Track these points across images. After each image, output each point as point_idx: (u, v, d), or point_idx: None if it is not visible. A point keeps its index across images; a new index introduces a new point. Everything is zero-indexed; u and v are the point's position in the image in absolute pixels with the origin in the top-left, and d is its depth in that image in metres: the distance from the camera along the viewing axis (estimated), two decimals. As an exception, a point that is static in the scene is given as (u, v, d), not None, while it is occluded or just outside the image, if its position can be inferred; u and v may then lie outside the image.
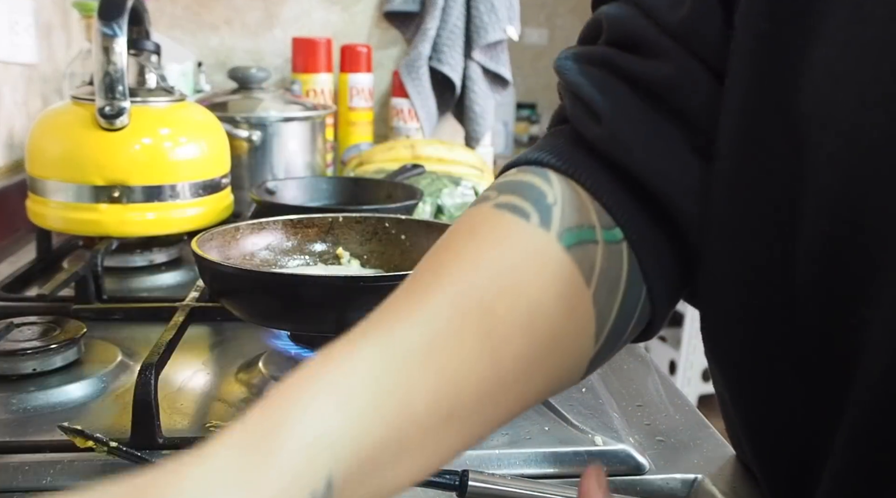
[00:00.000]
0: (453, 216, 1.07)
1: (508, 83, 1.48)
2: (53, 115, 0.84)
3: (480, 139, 1.45)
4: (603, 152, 0.39)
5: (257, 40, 1.47)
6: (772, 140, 0.36)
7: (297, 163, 1.12)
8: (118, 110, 0.78)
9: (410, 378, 0.30)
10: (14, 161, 1.10)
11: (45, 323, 0.63)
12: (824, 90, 0.34)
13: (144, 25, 0.87)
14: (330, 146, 1.36)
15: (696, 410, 0.59)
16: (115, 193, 0.79)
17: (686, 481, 0.50)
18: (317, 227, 0.69)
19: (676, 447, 0.54)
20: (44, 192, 0.82)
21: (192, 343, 0.66)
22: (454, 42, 1.41)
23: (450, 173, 1.14)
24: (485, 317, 0.33)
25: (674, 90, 0.39)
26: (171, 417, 0.54)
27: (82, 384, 0.58)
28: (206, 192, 0.85)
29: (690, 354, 2.43)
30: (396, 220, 0.69)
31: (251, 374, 0.61)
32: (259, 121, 1.08)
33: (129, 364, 0.63)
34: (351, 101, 1.40)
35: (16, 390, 0.56)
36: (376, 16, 1.50)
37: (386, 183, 0.97)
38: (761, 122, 0.37)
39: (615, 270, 0.37)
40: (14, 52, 1.09)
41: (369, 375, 0.30)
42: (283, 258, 0.67)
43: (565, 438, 0.53)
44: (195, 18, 1.45)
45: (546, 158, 0.40)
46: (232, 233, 0.65)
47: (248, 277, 0.56)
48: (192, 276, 0.86)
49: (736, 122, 0.38)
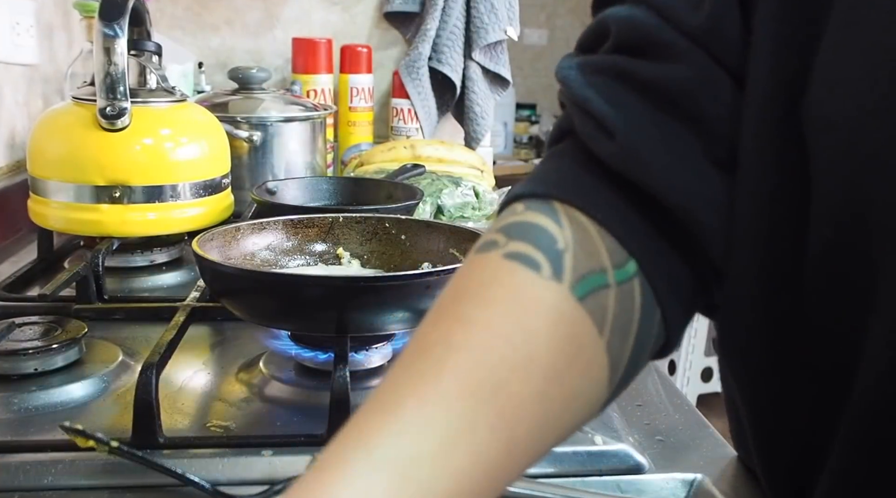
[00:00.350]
0: (453, 216, 1.07)
1: (508, 83, 1.48)
2: (54, 116, 0.84)
3: (480, 139, 1.45)
4: (617, 170, 0.37)
5: (258, 41, 1.47)
6: (786, 148, 0.35)
7: (298, 163, 1.12)
8: (119, 111, 0.78)
9: (429, 491, 0.29)
10: (15, 161, 1.10)
11: (46, 323, 0.63)
12: (824, 95, 0.33)
13: (145, 26, 0.87)
14: (330, 146, 1.36)
15: (695, 409, 0.59)
16: (116, 194, 0.80)
17: (686, 481, 0.50)
18: (317, 227, 0.69)
19: (676, 447, 0.54)
20: (45, 193, 0.82)
21: (193, 343, 0.66)
22: (454, 42, 1.41)
23: (450, 173, 1.14)
24: (498, 397, 0.31)
25: (692, 95, 0.37)
26: (171, 417, 0.54)
27: (83, 384, 0.58)
28: (206, 192, 0.86)
29: (690, 353, 2.43)
30: (396, 221, 0.69)
31: (252, 373, 0.61)
32: (259, 121, 1.08)
33: (130, 364, 0.63)
34: (351, 101, 1.40)
35: (17, 390, 0.57)
36: (376, 16, 1.50)
37: (386, 183, 0.97)
38: (777, 129, 0.36)
39: (628, 312, 0.36)
40: (15, 52, 1.09)
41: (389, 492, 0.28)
42: (283, 258, 0.68)
43: (565, 437, 0.53)
44: (196, 19, 1.45)
45: (553, 191, 0.38)
46: (232, 233, 0.65)
47: (248, 278, 0.56)
48: (192, 276, 0.86)
49: (755, 131, 0.36)
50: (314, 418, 0.53)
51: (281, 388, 0.59)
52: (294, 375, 0.60)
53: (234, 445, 0.51)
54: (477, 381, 0.31)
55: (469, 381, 0.31)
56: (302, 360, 0.60)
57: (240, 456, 0.49)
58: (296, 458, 0.49)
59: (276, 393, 0.59)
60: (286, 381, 0.59)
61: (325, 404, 0.52)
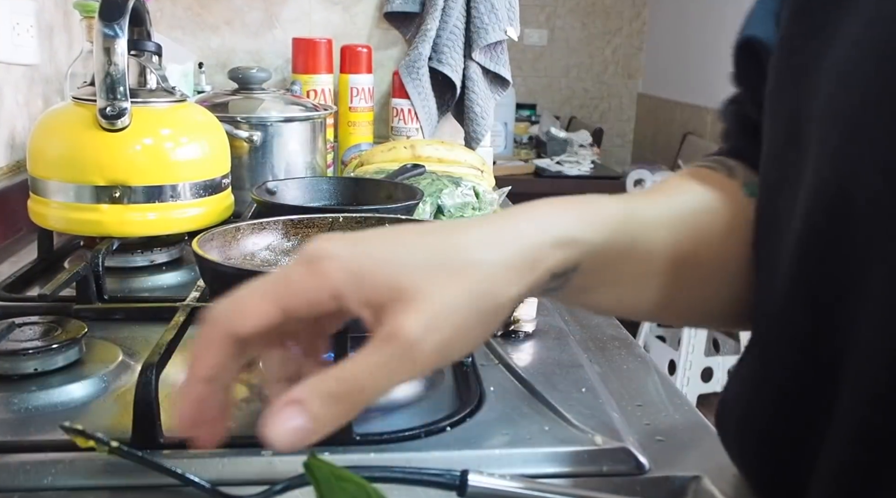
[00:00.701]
0: (453, 216, 1.07)
1: (508, 84, 1.48)
2: (55, 116, 0.84)
3: (480, 140, 1.45)
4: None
5: (258, 41, 1.47)
6: (786, 145, 0.39)
7: (298, 163, 1.12)
8: (119, 111, 0.78)
9: (653, 230, 0.42)
10: (15, 161, 1.10)
11: (46, 323, 0.63)
12: (832, 91, 0.35)
13: (145, 26, 0.87)
14: (330, 147, 1.36)
15: (695, 409, 0.59)
16: (116, 194, 0.80)
17: (686, 481, 0.50)
18: (317, 227, 0.69)
19: (676, 447, 0.54)
20: (45, 193, 0.82)
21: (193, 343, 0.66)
22: (454, 42, 1.41)
23: (450, 173, 1.14)
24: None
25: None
26: (172, 417, 0.54)
27: (83, 384, 0.58)
28: (206, 192, 0.86)
29: (690, 353, 2.43)
30: (396, 221, 0.69)
31: (251, 373, 0.61)
32: (259, 121, 1.08)
33: (130, 364, 0.63)
34: (351, 101, 1.40)
35: (17, 390, 0.57)
36: (377, 16, 1.50)
37: (386, 183, 0.97)
38: (777, 126, 0.40)
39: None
40: (16, 52, 1.09)
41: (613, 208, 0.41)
42: (283, 258, 0.68)
43: (565, 437, 0.53)
44: (196, 19, 1.45)
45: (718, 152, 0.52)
46: (233, 233, 0.65)
47: (248, 277, 0.56)
48: (192, 276, 0.86)
49: (765, 126, 0.42)
50: (314, 418, 0.53)
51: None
52: (294, 375, 0.60)
53: (234, 444, 0.51)
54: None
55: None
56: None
57: (240, 456, 0.49)
58: (296, 457, 0.49)
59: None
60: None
61: (325, 404, 0.52)
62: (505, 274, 0.35)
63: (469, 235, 0.36)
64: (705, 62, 3.37)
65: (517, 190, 1.39)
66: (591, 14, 4.00)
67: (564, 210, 0.39)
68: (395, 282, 0.33)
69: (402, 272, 0.34)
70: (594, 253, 0.39)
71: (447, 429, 0.53)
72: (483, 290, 0.34)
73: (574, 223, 0.39)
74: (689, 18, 3.57)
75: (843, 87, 0.35)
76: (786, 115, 0.40)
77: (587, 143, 3.43)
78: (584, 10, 3.99)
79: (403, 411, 0.57)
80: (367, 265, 0.34)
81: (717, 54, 3.21)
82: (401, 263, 0.34)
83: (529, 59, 3.98)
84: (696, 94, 3.43)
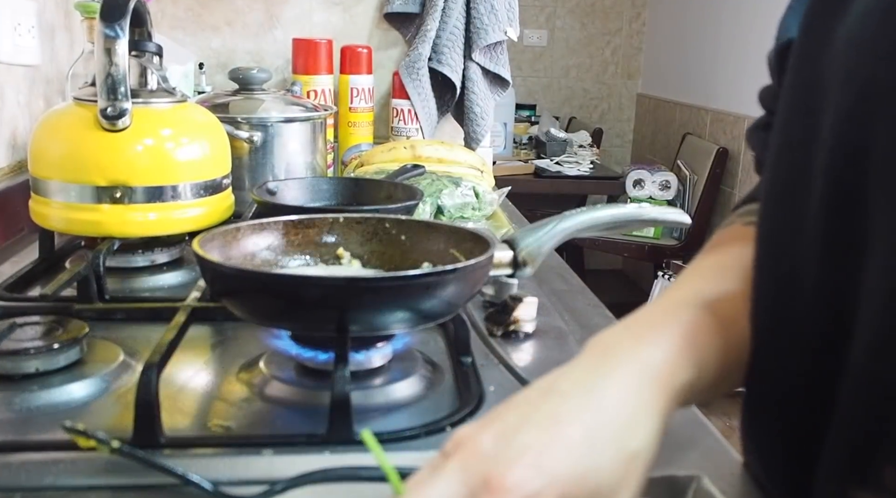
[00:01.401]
0: (453, 216, 1.07)
1: (508, 84, 1.48)
2: (56, 116, 0.84)
3: (480, 140, 1.45)
4: None
5: (258, 41, 1.48)
6: (801, 113, 0.42)
7: (298, 163, 1.12)
8: (120, 111, 0.78)
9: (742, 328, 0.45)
10: (17, 162, 1.11)
11: (47, 323, 0.63)
12: (846, 56, 0.38)
13: (146, 27, 0.87)
14: (330, 147, 1.36)
15: (695, 409, 0.59)
16: (117, 194, 0.80)
17: (686, 481, 0.50)
18: (317, 227, 0.69)
19: (676, 446, 0.54)
20: (46, 193, 0.82)
21: (194, 343, 0.67)
22: (454, 43, 1.41)
23: (450, 174, 1.14)
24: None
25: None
26: (172, 417, 0.54)
27: (84, 384, 0.58)
28: (207, 192, 0.86)
29: (690, 354, 2.42)
30: (397, 221, 0.69)
31: (252, 373, 0.61)
32: (260, 122, 1.08)
33: (131, 364, 0.63)
34: (351, 102, 1.41)
35: (18, 390, 0.57)
36: (377, 17, 1.50)
37: (386, 183, 0.97)
38: (796, 95, 0.43)
39: None
40: (17, 53, 1.09)
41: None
42: (283, 258, 0.68)
43: (565, 437, 0.53)
44: (196, 20, 1.46)
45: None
46: (233, 233, 0.65)
47: (249, 278, 0.56)
48: (193, 276, 0.86)
49: (782, 96, 0.45)
50: (314, 418, 0.53)
51: (281, 388, 0.59)
52: (294, 374, 0.60)
53: (234, 444, 0.51)
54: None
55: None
56: (302, 360, 0.60)
57: (240, 456, 0.50)
58: (296, 457, 0.49)
59: (276, 393, 0.59)
60: (286, 380, 0.60)
61: (325, 404, 0.52)
62: (653, 445, 0.41)
63: (611, 425, 0.39)
64: (704, 62, 3.37)
65: (517, 190, 1.39)
66: (590, 14, 4.00)
67: (679, 364, 0.42)
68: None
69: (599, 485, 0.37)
70: (706, 387, 0.44)
71: (447, 429, 0.53)
72: (643, 465, 0.41)
73: (692, 373, 0.42)
74: (688, 19, 3.58)
75: (854, 50, 0.37)
76: (803, 84, 0.42)
77: (587, 143, 3.43)
78: (583, 10, 4.00)
79: (403, 411, 0.57)
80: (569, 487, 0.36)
81: (717, 55, 3.22)
82: (595, 482, 0.37)
83: (529, 59, 3.98)
84: (696, 94, 3.44)
